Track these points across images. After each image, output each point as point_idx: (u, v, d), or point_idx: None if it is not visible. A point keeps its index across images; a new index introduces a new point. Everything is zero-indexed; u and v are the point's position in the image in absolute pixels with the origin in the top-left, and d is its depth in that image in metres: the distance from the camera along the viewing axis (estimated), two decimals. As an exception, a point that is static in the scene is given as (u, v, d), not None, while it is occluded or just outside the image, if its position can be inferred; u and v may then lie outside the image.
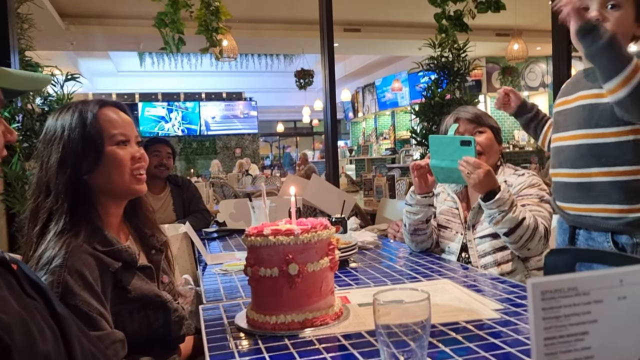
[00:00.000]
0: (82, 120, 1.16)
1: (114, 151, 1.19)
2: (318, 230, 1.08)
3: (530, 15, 7.39)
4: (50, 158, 1.16)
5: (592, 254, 1.21)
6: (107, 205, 1.21)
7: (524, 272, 1.74)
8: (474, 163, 1.59)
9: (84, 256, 1.07)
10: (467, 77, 4.07)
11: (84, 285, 1.04)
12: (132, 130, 1.24)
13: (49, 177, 1.15)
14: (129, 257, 1.16)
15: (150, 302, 1.17)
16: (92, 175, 1.17)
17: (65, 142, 1.15)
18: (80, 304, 1.02)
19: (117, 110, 1.24)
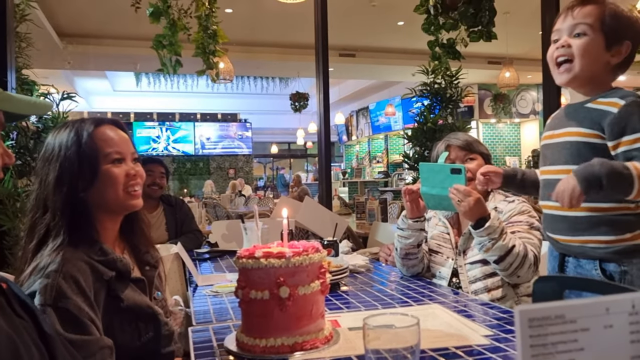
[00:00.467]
0: (77, 139, 1.19)
1: (109, 169, 1.21)
2: (310, 254, 1.08)
3: (521, 45, 7.54)
4: (48, 175, 1.18)
5: (580, 282, 1.22)
6: (103, 221, 1.23)
7: (514, 298, 1.75)
8: (465, 191, 1.61)
9: (79, 263, 1.10)
10: (460, 103, 4.12)
11: (77, 290, 1.06)
12: (127, 148, 1.26)
13: (47, 194, 1.17)
14: (124, 267, 1.18)
15: (141, 313, 1.19)
16: (88, 192, 1.19)
17: (62, 161, 1.17)
18: (72, 307, 1.04)
19: (114, 128, 1.26)
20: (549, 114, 4.35)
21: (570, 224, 1.42)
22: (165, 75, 7.62)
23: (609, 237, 1.36)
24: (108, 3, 5.64)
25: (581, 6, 1.40)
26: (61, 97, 3.06)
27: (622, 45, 1.38)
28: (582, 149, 1.39)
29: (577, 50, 1.39)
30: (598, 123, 1.35)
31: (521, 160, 10.99)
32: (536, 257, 1.68)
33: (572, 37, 1.40)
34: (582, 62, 1.39)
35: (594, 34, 1.37)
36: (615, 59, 1.39)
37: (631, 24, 1.39)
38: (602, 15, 1.37)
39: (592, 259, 1.40)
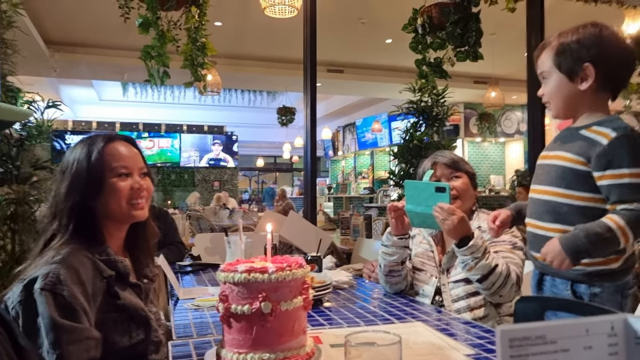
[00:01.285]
0: (88, 154, 1.30)
1: (115, 182, 1.31)
2: (293, 269, 1.08)
3: (507, 65, 7.66)
4: (60, 186, 1.30)
5: (561, 303, 1.23)
6: (110, 228, 1.33)
7: (496, 317, 1.75)
8: (449, 209, 1.62)
9: (82, 257, 1.20)
10: (446, 121, 4.17)
11: (77, 280, 1.14)
12: (135, 162, 1.36)
13: (57, 202, 1.28)
14: (124, 269, 1.28)
15: (135, 314, 1.25)
16: (96, 202, 1.29)
17: (74, 173, 1.29)
18: (67, 294, 1.11)
19: (125, 144, 1.37)
20: (533, 134, 4.43)
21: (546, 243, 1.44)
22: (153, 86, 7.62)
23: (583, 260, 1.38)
24: (96, 12, 5.62)
25: (537, 56, 1.54)
26: (46, 105, 3.04)
27: (582, 70, 1.41)
28: (566, 173, 1.42)
29: (547, 96, 1.51)
30: (586, 152, 1.38)
31: (505, 180, 11.11)
32: (518, 277, 1.69)
33: (543, 84, 1.52)
34: (555, 102, 1.50)
35: (554, 75, 1.47)
36: (585, 84, 1.42)
37: (582, 47, 1.41)
38: (554, 56, 1.46)
39: (565, 279, 1.43)
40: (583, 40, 1.41)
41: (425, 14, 3.95)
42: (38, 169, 2.96)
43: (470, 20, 3.84)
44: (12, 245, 2.69)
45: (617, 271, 1.39)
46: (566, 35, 1.44)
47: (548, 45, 1.49)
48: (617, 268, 1.38)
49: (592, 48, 1.40)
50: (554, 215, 1.44)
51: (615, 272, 1.39)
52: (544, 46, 1.51)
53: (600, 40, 1.41)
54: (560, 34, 1.46)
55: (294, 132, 12.82)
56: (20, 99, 3.04)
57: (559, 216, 1.43)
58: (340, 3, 5.44)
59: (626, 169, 1.32)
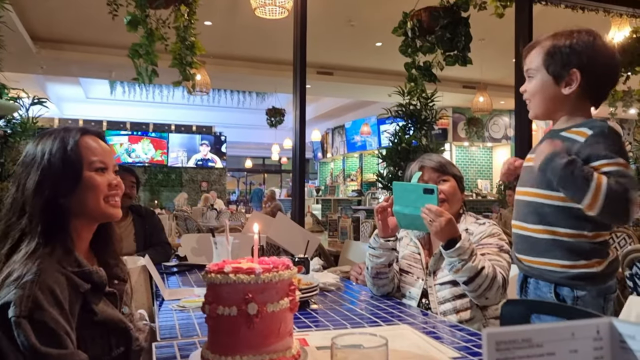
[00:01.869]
0: (63, 146, 1.21)
1: (92, 177, 1.23)
2: (280, 270, 1.07)
3: (495, 71, 7.72)
4: (27, 180, 1.18)
5: (547, 306, 1.24)
6: (79, 229, 1.24)
7: (482, 320, 1.76)
8: (436, 211, 1.63)
9: (55, 274, 1.10)
10: (434, 125, 4.19)
11: (54, 302, 1.05)
12: (110, 159, 1.29)
13: (25, 199, 1.18)
14: (99, 280, 1.19)
15: (114, 327, 1.19)
16: (69, 198, 1.20)
17: (45, 166, 1.19)
18: (48, 320, 1.02)
19: (97, 139, 1.29)
20: (520, 139, 4.47)
21: (531, 244, 1.47)
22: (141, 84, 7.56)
23: (565, 262, 1.40)
24: (84, 9, 5.57)
25: (527, 53, 1.54)
26: (31, 102, 3.00)
27: (569, 75, 1.43)
28: None
29: (529, 93, 1.53)
30: (567, 151, 1.39)
31: (492, 184, 11.19)
32: (504, 279, 1.70)
33: (527, 81, 1.54)
34: (535, 101, 1.52)
35: (540, 74, 1.48)
36: (568, 89, 1.44)
37: (574, 53, 1.42)
38: (544, 56, 1.47)
39: (548, 281, 1.44)
40: (575, 46, 1.43)
41: (415, 17, 3.97)
42: (22, 166, 2.91)
43: (460, 25, 3.87)
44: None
45: (600, 275, 1.40)
46: (560, 37, 1.46)
47: (539, 44, 1.50)
48: (599, 272, 1.39)
49: (582, 55, 1.42)
50: (537, 216, 1.45)
51: (598, 276, 1.39)
52: (534, 44, 1.52)
53: (592, 49, 1.42)
54: (554, 36, 1.47)
55: (283, 134, 12.80)
56: (6, 95, 3.00)
57: (542, 217, 1.44)
58: (330, 5, 5.45)
59: (604, 160, 1.34)
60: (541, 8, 4.64)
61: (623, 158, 1.35)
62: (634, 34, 4.76)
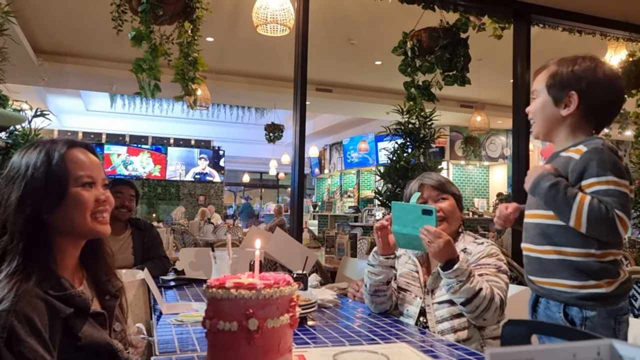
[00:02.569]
0: (48, 160, 1.15)
1: (78, 192, 1.17)
2: (281, 286, 1.08)
3: (493, 91, 7.79)
4: (10, 196, 1.13)
5: (547, 327, 1.24)
6: (64, 247, 1.18)
7: (480, 340, 1.76)
8: (435, 232, 1.64)
9: (34, 300, 1.03)
10: (432, 143, 4.22)
11: (31, 332, 1.00)
12: (99, 173, 1.23)
13: (7, 216, 1.12)
14: (82, 303, 1.13)
15: (100, 350, 1.13)
16: (53, 215, 1.14)
17: (28, 181, 1.13)
18: (26, 351, 0.98)
19: (85, 152, 1.23)
20: (518, 158, 4.50)
21: (541, 265, 1.48)
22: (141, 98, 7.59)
23: (574, 282, 1.41)
24: (87, 23, 5.62)
25: (535, 75, 1.61)
26: (34, 114, 3.01)
27: (567, 97, 1.48)
28: None
29: (531, 113, 1.59)
30: (564, 170, 1.44)
31: (489, 203, 11.22)
32: (502, 300, 1.71)
33: (532, 101, 1.60)
34: (537, 120, 1.58)
35: (542, 95, 1.55)
36: (566, 110, 1.49)
37: (574, 77, 1.48)
38: (547, 78, 1.53)
39: (558, 301, 1.44)
40: (576, 71, 1.49)
41: (415, 37, 4.02)
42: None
43: (459, 46, 3.92)
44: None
45: (610, 295, 1.39)
46: (564, 62, 1.52)
47: (546, 67, 1.57)
48: (610, 292, 1.39)
49: (582, 80, 1.48)
50: (544, 237, 1.47)
51: (608, 297, 1.39)
52: (542, 68, 1.58)
53: (592, 75, 1.48)
54: (560, 61, 1.54)
55: (280, 149, 12.85)
56: (8, 107, 3.01)
57: (549, 238, 1.46)
58: (331, 24, 5.51)
59: (595, 178, 1.37)
60: (539, 30, 4.70)
61: (617, 175, 1.37)
62: (630, 57, 4.83)
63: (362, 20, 5.43)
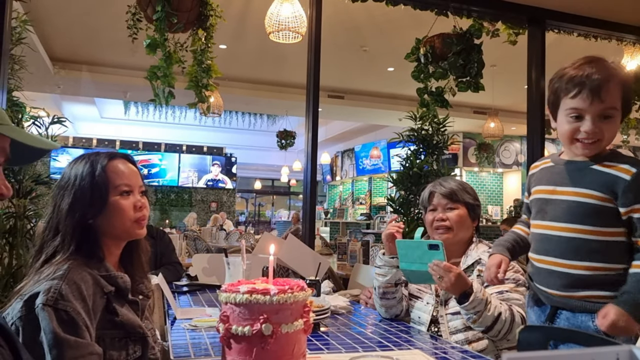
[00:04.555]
0: (92, 171, 1.30)
1: (117, 201, 1.31)
2: (295, 291, 1.08)
3: (506, 97, 7.75)
4: (62, 202, 1.28)
5: (564, 333, 1.22)
6: (108, 246, 1.33)
7: (494, 351, 1.74)
8: (445, 267, 1.62)
9: (83, 273, 1.19)
10: (445, 150, 4.20)
11: (78, 296, 1.14)
12: (136, 181, 1.36)
13: (59, 219, 1.27)
14: (123, 285, 1.27)
15: (133, 332, 1.25)
16: (97, 219, 1.29)
17: (77, 190, 1.28)
18: (71, 310, 1.10)
19: (125, 162, 1.37)
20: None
21: (571, 280, 1.42)
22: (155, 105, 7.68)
23: (609, 293, 1.37)
24: (102, 31, 5.70)
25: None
26: (51, 120, 3.06)
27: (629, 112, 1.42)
28: (591, 210, 1.40)
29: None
30: (610, 188, 1.38)
31: (503, 210, 11.12)
32: (523, 318, 1.68)
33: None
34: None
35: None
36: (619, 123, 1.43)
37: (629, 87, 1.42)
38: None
39: (590, 312, 1.39)
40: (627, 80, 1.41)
41: (428, 44, 4.02)
42: (39, 184, 2.97)
43: (472, 52, 3.90)
44: (10, 259, 2.68)
45: None
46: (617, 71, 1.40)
47: (613, 78, 1.38)
48: None
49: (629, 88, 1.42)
50: (580, 252, 1.41)
51: None
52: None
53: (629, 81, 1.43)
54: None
55: (292, 156, 12.87)
56: (26, 114, 3.07)
57: (587, 253, 1.40)
58: (343, 31, 5.52)
59: None
60: (554, 37, 4.68)
61: None
62: (646, 63, 4.78)
63: (374, 27, 5.44)
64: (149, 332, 1.32)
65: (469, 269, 1.85)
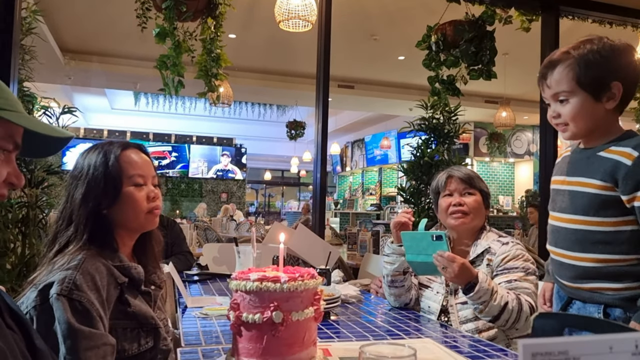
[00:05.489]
0: (105, 161, 1.29)
1: (131, 192, 1.30)
2: (305, 279, 1.07)
3: (518, 86, 7.66)
4: (75, 192, 1.28)
5: (580, 320, 1.21)
6: (122, 236, 1.32)
7: (505, 340, 1.73)
8: (448, 257, 1.61)
9: (97, 263, 1.19)
10: (456, 139, 4.16)
11: (93, 287, 1.14)
12: (149, 171, 1.35)
13: (73, 209, 1.27)
14: (137, 275, 1.27)
15: (145, 323, 1.25)
16: (110, 210, 1.28)
17: (90, 179, 1.27)
18: (84, 300, 1.10)
19: (138, 152, 1.36)
20: (545, 155, 4.40)
21: (579, 272, 1.40)
22: (165, 96, 7.69)
23: (617, 285, 1.34)
24: (112, 22, 5.70)
25: (550, 73, 1.38)
26: (61, 110, 3.07)
27: (611, 89, 1.33)
28: (594, 200, 1.35)
29: (566, 117, 1.38)
30: (611, 175, 1.32)
31: (514, 200, 11.05)
32: (532, 307, 1.67)
33: (558, 104, 1.39)
34: (576, 124, 1.38)
35: (576, 96, 1.35)
36: (611, 102, 1.35)
37: (612, 63, 1.33)
38: (575, 74, 1.34)
39: (598, 303, 1.37)
40: (608, 57, 1.33)
41: (439, 31, 3.97)
42: (51, 174, 2.99)
43: (485, 39, 3.85)
44: (23, 248, 2.70)
45: None
46: (584, 52, 1.34)
47: (561, 62, 1.36)
48: None
49: (618, 65, 1.33)
50: (585, 244, 1.38)
51: None
52: (554, 64, 1.38)
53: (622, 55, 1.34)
54: (573, 49, 1.35)
55: (302, 147, 12.86)
56: (37, 104, 3.08)
57: (591, 245, 1.36)
58: (353, 19, 5.48)
59: None
60: (569, 24, 4.60)
61: None
62: (662, 49, 4.69)
63: (384, 15, 5.39)
64: (161, 322, 1.32)
65: (478, 258, 1.83)
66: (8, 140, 0.82)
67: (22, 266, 2.63)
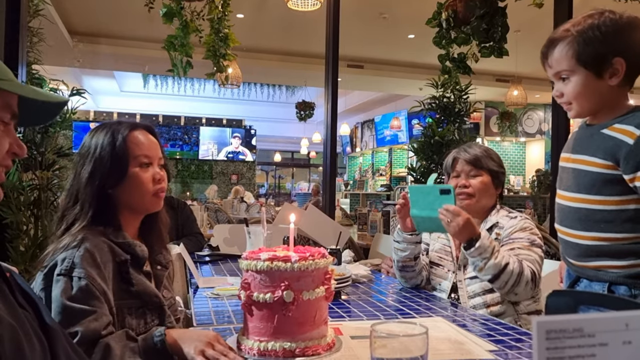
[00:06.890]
0: (112, 141, 1.29)
1: (137, 173, 1.30)
2: (316, 259, 1.07)
3: (530, 64, 7.53)
4: (82, 170, 1.28)
5: (594, 297, 1.19)
6: (127, 216, 1.32)
7: (514, 315, 1.73)
8: (454, 211, 1.59)
9: (97, 241, 1.20)
10: (466, 119, 4.12)
11: (92, 263, 1.15)
12: (156, 152, 1.35)
13: (79, 188, 1.27)
14: (141, 253, 1.27)
15: (149, 301, 1.25)
16: (116, 190, 1.28)
17: (97, 158, 1.28)
18: (84, 276, 1.11)
19: (146, 133, 1.35)
20: (557, 134, 4.33)
21: (582, 250, 1.38)
22: (174, 78, 7.67)
23: (621, 262, 1.31)
24: (120, 3, 5.67)
25: (550, 52, 1.37)
26: (70, 92, 3.07)
27: (613, 65, 1.30)
28: (596, 179, 1.33)
29: (569, 96, 1.37)
30: (613, 154, 1.29)
31: (525, 180, 10.97)
32: (534, 273, 1.66)
33: (561, 83, 1.38)
34: (579, 102, 1.36)
35: (577, 74, 1.33)
36: (615, 79, 1.31)
37: (613, 38, 1.29)
38: (575, 52, 1.31)
39: (603, 281, 1.35)
40: (608, 32, 1.29)
41: (450, 8, 3.89)
42: (61, 156, 3.00)
43: (496, 15, 3.77)
44: (35, 230, 2.73)
45: None
46: (584, 28, 1.30)
47: (560, 40, 1.34)
48: None
49: (619, 40, 1.29)
50: (586, 223, 1.36)
51: None
52: (554, 42, 1.35)
53: (624, 29, 1.29)
54: (573, 26, 1.32)
55: (312, 128, 12.82)
56: (46, 86, 3.08)
57: (593, 224, 1.34)
58: (362, -3, 5.41)
59: None
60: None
61: None
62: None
63: (394, -7, 5.32)
64: (166, 301, 1.32)
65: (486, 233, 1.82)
66: (5, 109, 0.81)
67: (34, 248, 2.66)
